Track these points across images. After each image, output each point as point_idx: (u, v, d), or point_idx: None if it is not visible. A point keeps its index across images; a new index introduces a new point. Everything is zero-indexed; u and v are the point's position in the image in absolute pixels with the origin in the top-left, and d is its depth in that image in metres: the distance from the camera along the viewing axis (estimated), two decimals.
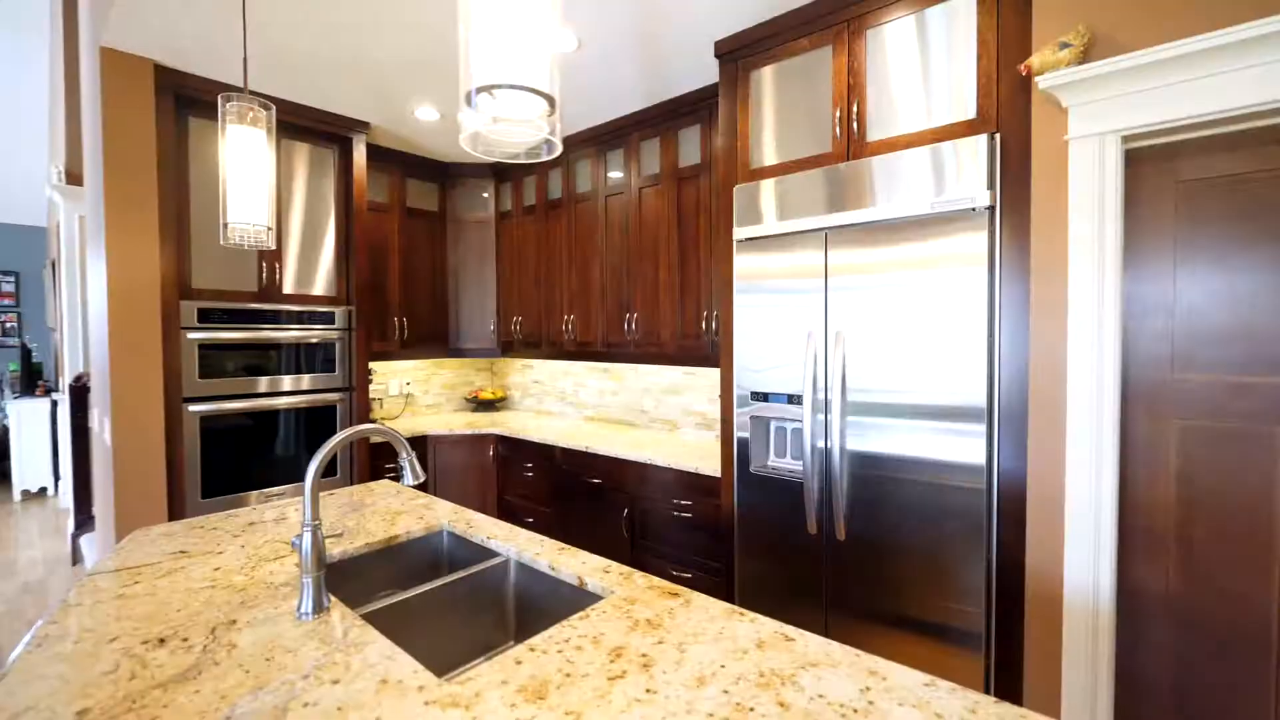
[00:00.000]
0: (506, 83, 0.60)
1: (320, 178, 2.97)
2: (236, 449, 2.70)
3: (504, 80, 0.61)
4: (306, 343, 2.93)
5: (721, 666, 0.95)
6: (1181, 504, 1.48)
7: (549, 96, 0.61)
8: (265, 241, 1.44)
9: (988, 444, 1.62)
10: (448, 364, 4.30)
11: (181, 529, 1.64)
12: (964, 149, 1.62)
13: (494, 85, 0.60)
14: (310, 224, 2.95)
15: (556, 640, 1.04)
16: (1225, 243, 1.40)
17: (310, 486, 1.15)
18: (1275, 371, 1.36)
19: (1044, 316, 1.55)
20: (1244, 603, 1.42)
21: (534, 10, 0.61)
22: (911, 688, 0.89)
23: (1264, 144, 1.34)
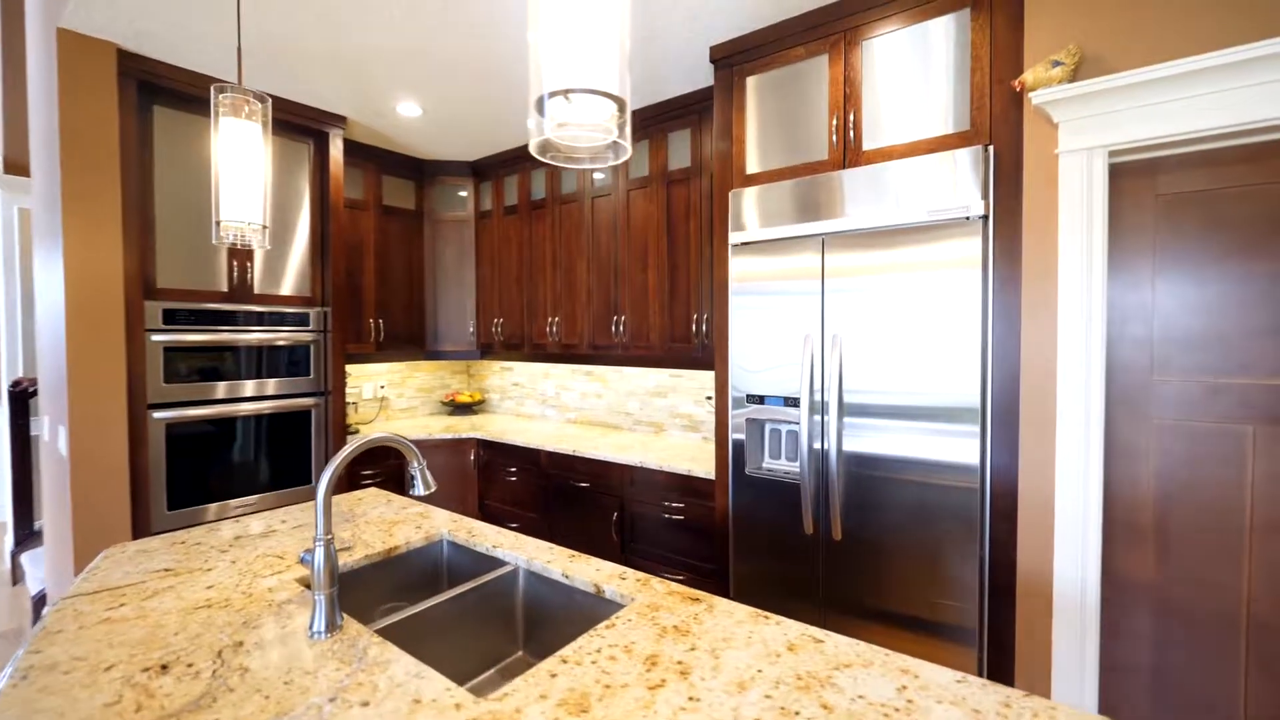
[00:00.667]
0: (580, 87, 0.59)
1: (293, 173, 2.85)
2: (205, 458, 2.55)
3: (577, 84, 0.59)
4: (279, 345, 2.80)
5: (759, 671, 0.96)
6: (1160, 499, 1.57)
7: (619, 99, 0.60)
8: (260, 241, 1.37)
9: (981, 444, 1.69)
10: (423, 366, 4.19)
11: (160, 545, 1.54)
12: (958, 160, 1.68)
13: (568, 90, 0.59)
14: (282, 221, 2.82)
15: (588, 651, 1.02)
16: (1199, 254, 1.49)
17: (323, 499, 1.10)
18: (1245, 373, 1.46)
19: (1035, 321, 1.62)
20: (1216, 590, 1.51)
21: (606, 10, 0.59)
22: (945, 685, 0.92)
23: (1235, 162, 1.43)
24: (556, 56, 0.60)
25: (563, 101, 0.61)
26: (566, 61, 0.60)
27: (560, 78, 0.60)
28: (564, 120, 0.63)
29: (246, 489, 2.69)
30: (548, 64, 0.61)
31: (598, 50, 0.59)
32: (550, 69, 0.61)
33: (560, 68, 0.60)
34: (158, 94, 2.41)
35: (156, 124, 2.41)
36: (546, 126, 0.62)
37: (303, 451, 2.89)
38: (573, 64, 0.60)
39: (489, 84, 2.61)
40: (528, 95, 2.23)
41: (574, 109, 0.61)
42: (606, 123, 0.61)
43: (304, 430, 2.90)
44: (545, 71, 0.61)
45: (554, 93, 0.60)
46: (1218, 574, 1.51)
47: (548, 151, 0.68)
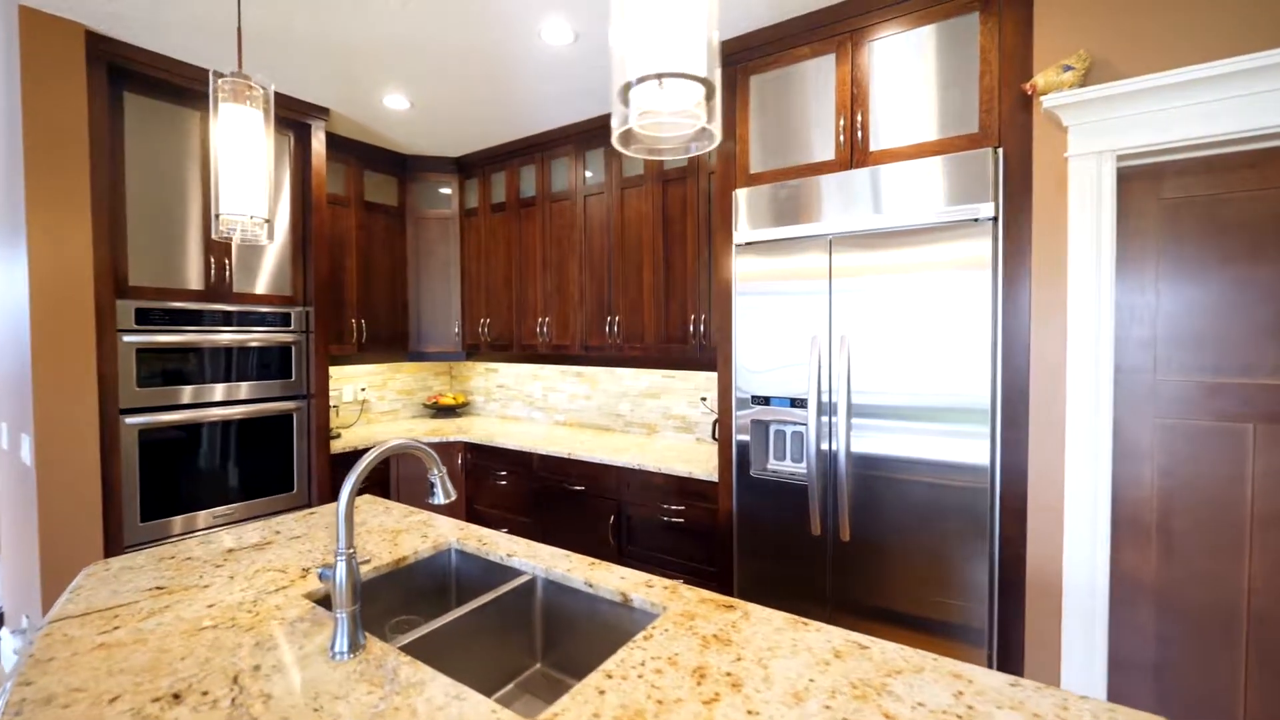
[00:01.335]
0: (671, 71, 0.55)
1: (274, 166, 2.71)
2: (180, 465, 2.41)
3: (666, 69, 0.56)
4: (258, 346, 2.67)
5: (811, 680, 0.94)
6: (1162, 496, 1.62)
7: (708, 82, 0.56)
8: (261, 235, 1.29)
9: (991, 444, 1.71)
10: (405, 368, 4.07)
11: (147, 560, 1.44)
12: (968, 162, 1.70)
13: (660, 75, 0.55)
14: None
15: (632, 664, 0.98)
16: (1202, 257, 1.54)
17: (345, 510, 1.03)
18: (1245, 374, 1.51)
19: (1044, 322, 1.65)
20: (1218, 584, 1.57)
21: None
22: (999, 688, 0.91)
23: (1237, 168, 1.48)
24: (644, 40, 0.57)
25: (648, 89, 0.57)
26: (655, 46, 0.57)
27: (649, 62, 0.57)
28: (648, 109, 0.59)
29: (225, 497, 2.56)
30: (635, 49, 0.57)
31: (687, 32, 0.56)
32: (638, 54, 0.57)
33: (649, 52, 0.57)
34: (129, 80, 2.26)
35: (128, 112, 2.26)
36: (631, 116, 0.59)
37: (284, 457, 2.77)
38: (662, 48, 0.57)
39: (481, 77, 2.54)
40: (529, 90, 2.18)
41: (661, 95, 0.58)
42: (694, 108, 0.57)
43: (285, 435, 2.77)
44: (632, 57, 0.58)
45: (644, 78, 0.56)
46: (1219, 569, 1.56)
47: (630, 143, 0.65)
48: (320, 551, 1.51)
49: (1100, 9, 1.54)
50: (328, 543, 1.57)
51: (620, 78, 0.58)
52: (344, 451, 3.03)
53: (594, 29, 2.13)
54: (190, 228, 2.45)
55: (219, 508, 2.54)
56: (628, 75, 0.58)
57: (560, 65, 2.42)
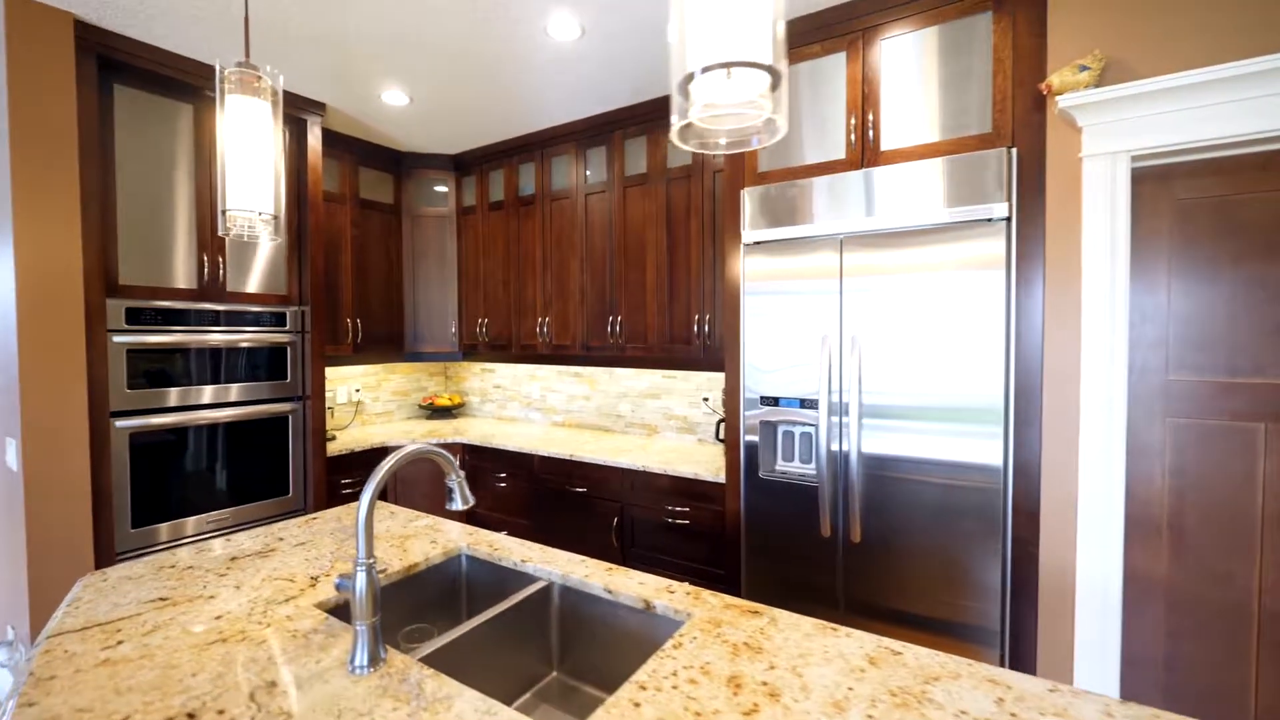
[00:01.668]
0: (739, 60, 0.53)
1: None
2: (173, 469, 2.34)
3: (731, 58, 0.54)
4: (253, 347, 2.60)
5: (849, 689, 0.92)
6: (1174, 495, 1.63)
7: (774, 70, 0.54)
8: (271, 233, 1.24)
9: (1004, 444, 1.71)
10: (399, 369, 4.00)
11: (146, 570, 1.39)
12: (982, 162, 1.70)
13: (728, 64, 0.53)
14: None
15: (664, 675, 0.96)
16: (1214, 257, 1.55)
17: (365, 518, 1.00)
18: (1257, 374, 1.52)
19: (1058, 322, 1.65)
20: (1228, 582, 1.58)
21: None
22: (1040, 694, 0.90)
23: (1249, 169, 1.49)
24: (708, 29, 0.54)
25: (708, 80, 0.55)
26: (719, 34, 0.54)
27: (712, 52, 0.54)
28: (708, 101, 0.57)
29: (218, 502, 2.49)
30: (697, 38, 0.55)
31: (752, 18, 0.54)
32: (700, 44, 0.55)
33: (712, 41, 0.54)
34: (119, 72, 2.19)
35: (118, 105, 2.18)
36: (692, 110, 0.56)
37: (279, 461, 2.70)
38: (726, 36, 0.54)
39: (483, 72, 2.50)
40: (531, 86, 2.15)
41: (725, 86, 0.55)
42: (759, 99, 0.55)
43: (281, 438, 2.71)
44: (693, 47, 0.55)
45: (709, 67, 0.54)
46: (1230, 567, 1.57)
47: (689, 138, 0.62)
48: (327, 558, 1.46)
49: (1114, 9, 1.55)
50: (334, 549, 1.53)
51: (681, 69, 0.55)
52: (340, 454, 2.97)
53: (601, 24, 2.10)
54: (183, 224, 2.38)
55: (212, 513, 2.47)
56: (689, 66, 0.55)
57: (565, 61, 2.38)
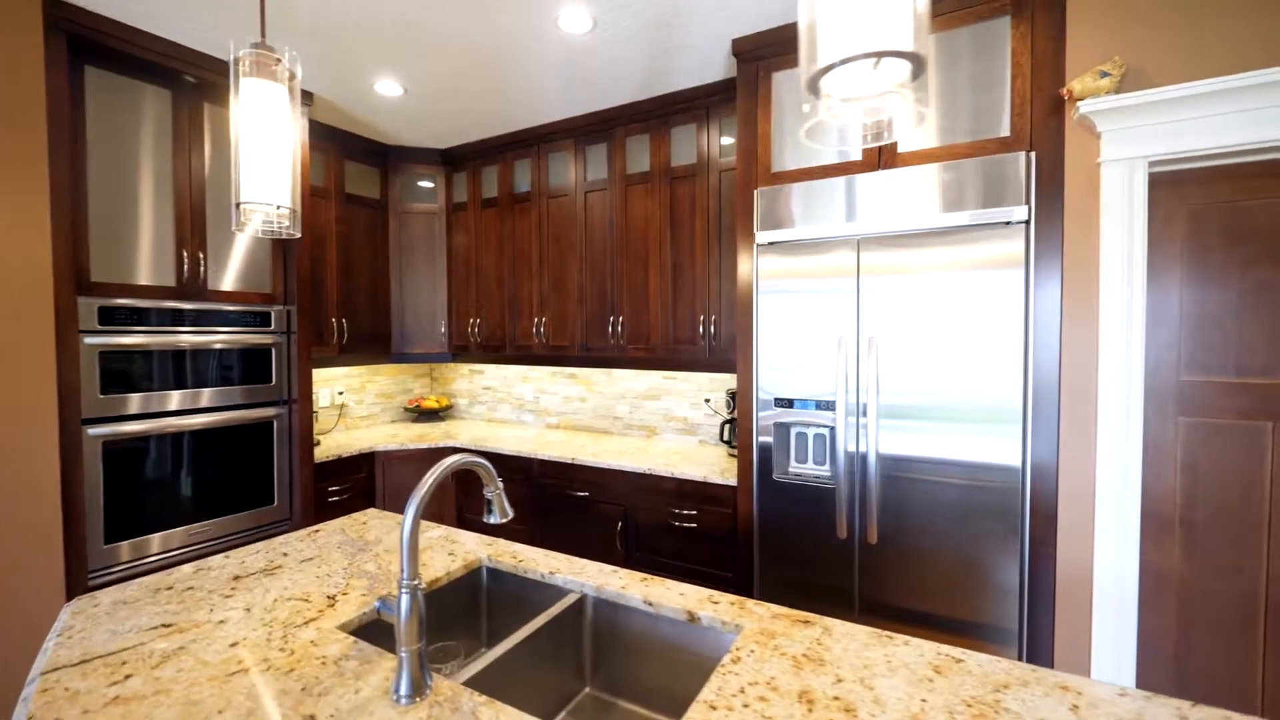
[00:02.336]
0: (885, 50, 0.49)
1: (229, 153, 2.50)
2: (149, 480, 2.19)
3: (872, 48, 0.50)
4: (236, 348, 2.46)
5: (923, 700, 0.90)
6: (1185, 491, 1.67)
7: (918, 57, 0.50)
8: (288, 227, 1.15)
9: (1022, 444, 1.72)
10: (384, 370, 3.86)
11: (141, 593, 1.28)
12: (1001, 165, 1.71)
13: (874, 53, 0.49)
14: None
15: (731, 692, 0.92)
16: (1224, 261, 1.60)
17: (409, 536, 0.92)
18: (1264, 374, 1.57)
19: (1076, 324, 1.68)
20: (1237, 576, 1.62)
21: None
22: (1110, 699, 0.89)
23: (1258, 175, 1.54)
24: (844, 18, 0.50)
25: (847, 72, 0.51)
26: (857, 23, 0.50)
27: (849, 43, 0.50)
28: (849, 94, 0.53)
29: (199, 514, 2.34)
30: (832, 28, 0.51)
31: (890, 4, 0.50)
32: (835, 32, 0.51)
33: (849, 31, 0.51)
34: (91, 53, 2.03)
35: (89, 88, 2.03)
36: (824, 105, 0.53)
37: (264, 468, 2.56)
38: (865, 24, 0.50)
39: (484, 64, 2.41)
40: (534, 80, 2.10)
41: (861, 78, 0.52)
42: (899, 89, 0.51)
43: (265, 444, 2.56)
44: (826, 38, 0.51)
45: (848, 59, 0.50)
46: (1238, 561, 1.62)
47: (820, 134, 0.58)
48: (340, 575, 1.38)
49: (1132, 17, 1.57)
50: (345, 565, 1.44)
51: (813, 63, 0.51)
52: (327, 460, 2.84)
53: (611, 19, 2.04)
54: (160, 218, 2.22)
55: (193, 525, 2.32)
56: (828, 57, 0.51)
57: (572, 55, 2.32)
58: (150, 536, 2.20)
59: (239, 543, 2.46)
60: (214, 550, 2.39)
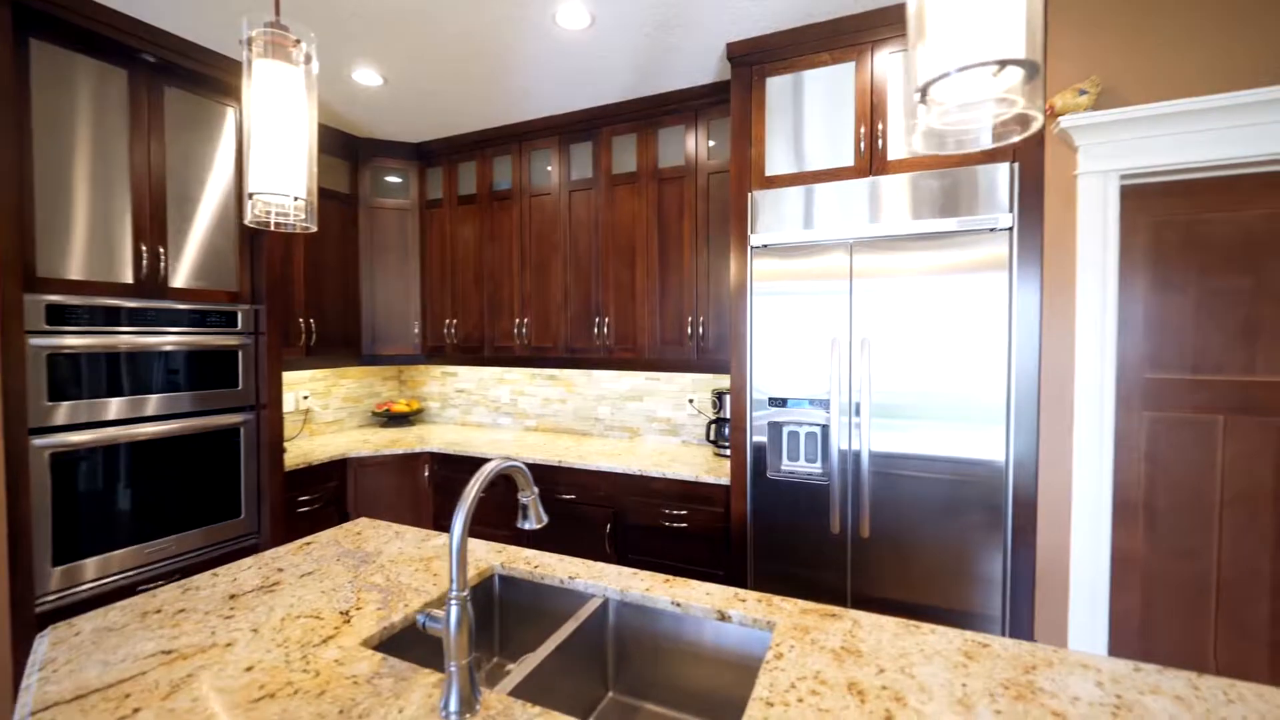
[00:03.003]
0: (1002, 58, 0.51)
1: (212, 139, 2.34)
2: (103, 495, 2.01)
3: (986, 56, 0.51)
4: (200, 350, 2.29)
5: (963, 685, 0.93)
6: (1148, 480, 1.80)
7: (1031, 64, 0.52)
8: (304, 220, 1.08)
9: (1005, 439, 1.82)
10: (350, 373, 3.69)
11: (127, 618, 1.17)
12: (986, 175, 1.81)
13: (998, 61, 0.51)
14: (203, 199, 2.31)
15: (782, 689, 0.93)
16: (1183, 269, 1.74)
17: (459, 545, 0.89)
18: (1217, 372, 1.72)
19: (1054, 326, 1.79)
20: (1192, 556, 1.77)
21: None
22: (1127, 675, 0.96)
23: (1212, 191, 1.68)
24: (955, 24, 0.52)
25: (965, 79, 0.53)
26: (974, 31, 0.52)
27: (962, 52, 0.52)
28: (947, 100, 0.54)
29: (158, 530, 2.17)
30: (944, 36, 0.52)
31: (1003, 9, 0.52)
32: (947, 40, 0.52)
33: (961, 41, 0.52)
34: (37, 24, 1.85)
35: (35, 64, 1.84)
36: (934, 114, 0.54)
37: (230, 478, 2.40)
38: (980, 32, 0.52)
39: (475, 57, 2.35)
40: (521, 75, 2.08)
41: (969, 84, 0.53)
42: (1008, 94, 0.53)
43: (231, 453, 2.40)
44: (938, 46, 0.53)
45: (965, 67, 0.51)
46: (1194, 543, 1.77)
47: (930, 142, 0.59)
48: (348, 589, 1.31)
49: (1108, 39, 1.69)
50: (350, 578, 1.37)
51: (926, 71, 0.53)
52: (295, 468, 2.69)
53: (609, 16, 2.02)
54: (116, 209, 2.05)
55: (151, 543, 2.15)
56: (937, 66, 0.52)
57: (566, 51, 2.28)
58: (105, 556, 2.02)
59: (203, 560, 2.30)
60: (176, 570, 2.22)
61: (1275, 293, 1.67)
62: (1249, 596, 1.72)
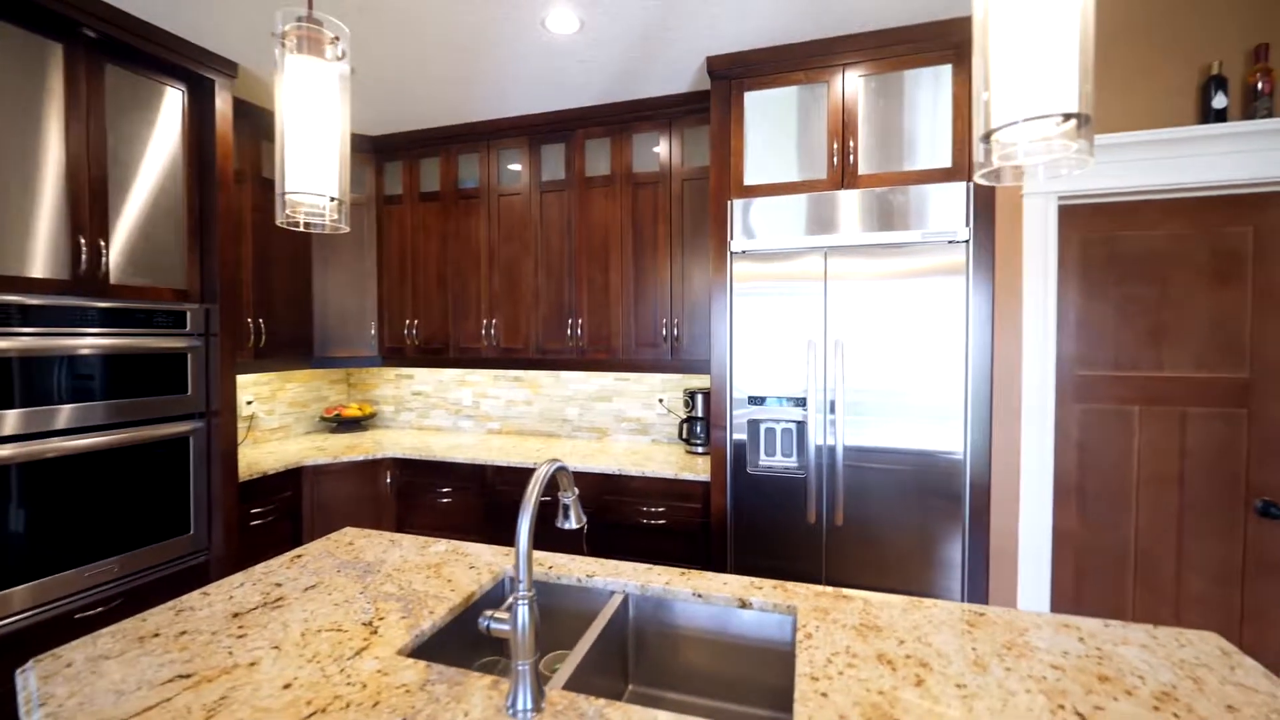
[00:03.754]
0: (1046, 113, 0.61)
1: (154, 124, 2.15)
2: (33, 515, 1.81)
3: (1037, 111, 0.61)
4: (146, 353, 2.10)
5: (973, 649, 1.05)
6: (1079, 465, 2.06)
7: (1085, 116, 0.62)
8: (338, 221, 1.05)
9: (964, 432, 2.02)
10: (296, 376, 3.48)
11: (121, 644, 1.09)
12: (945, 192, 1.99)
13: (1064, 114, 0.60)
14: (146, 189, 2.12)
15: (820, 664, 1.01)
16: (1104, 280, 2.00)
17: (526, 546, 0.90)
18: (1133, 368, 1.99)
19: (1005, 328, 2.00)
20: (1114, 530, 2.04)
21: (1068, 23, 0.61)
22: (1097, 630, 1.12)
23: (1124, 213, 1.95)
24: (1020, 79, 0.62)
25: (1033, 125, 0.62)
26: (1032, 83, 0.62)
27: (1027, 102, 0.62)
28: (1008, 141, 0.64)
29: (99, 551, 1.97)
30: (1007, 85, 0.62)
31: (1060, 65, 0.62)
32: (1010, 93, 0.62)
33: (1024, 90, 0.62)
34: None
35: None
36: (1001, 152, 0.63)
37: (178, 492, 2.22)
38: (1039, 85, 0.62)
39: (452, 52, 2.30)
40: (497, 72, 2.11)
41: (1030, 128, 0.63)
42: (1063, 137, 0.63)
43: (180, 465, 2.22)
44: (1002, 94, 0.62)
45: (1030, 118, 0.61)
46: (1116, 518, 2.04)
47: (993, 176, 0.68)
48: (361, 599, 1.27)
49: None
50: (360, 588, 1.33)
51: (997, 117, 0.62)
52: (247, 479, 2.52)
53: (598, 22, 2.05)
54: (50, 198, 1.84)
55: (90, 566, 1.95)
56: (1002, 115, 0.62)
57: (549, 54, 2.28)
58: (39, 582, 1.81)
59: (150, 580, 2.11)
60: (120, 594, 2.03)
61: (1176, 301, 1.96)
62: (1158, 561, 2.00)
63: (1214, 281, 1.91)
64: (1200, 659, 1.02)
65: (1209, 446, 1.95)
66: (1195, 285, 1.93)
